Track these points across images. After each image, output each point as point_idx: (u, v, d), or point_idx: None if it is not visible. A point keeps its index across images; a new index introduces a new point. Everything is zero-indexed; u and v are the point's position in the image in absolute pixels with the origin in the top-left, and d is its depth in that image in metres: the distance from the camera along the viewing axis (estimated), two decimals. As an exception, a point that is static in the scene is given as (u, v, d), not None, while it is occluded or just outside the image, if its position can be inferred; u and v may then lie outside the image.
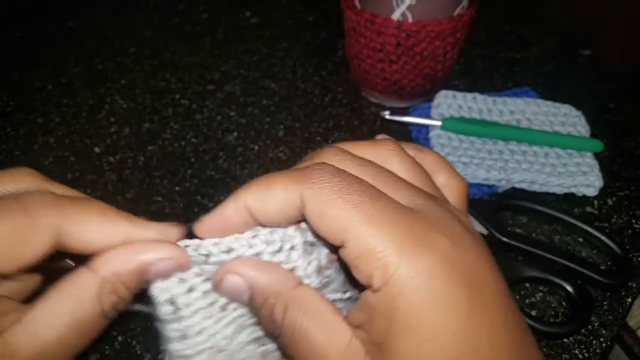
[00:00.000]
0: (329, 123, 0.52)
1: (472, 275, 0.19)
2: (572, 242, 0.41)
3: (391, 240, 0.19)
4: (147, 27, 0.64)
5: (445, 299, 0.18)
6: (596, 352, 0.35)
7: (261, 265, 0.22)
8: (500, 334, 0.19)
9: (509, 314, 0.20)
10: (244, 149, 0.49)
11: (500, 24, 0.64)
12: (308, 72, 0.58)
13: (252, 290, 0.22)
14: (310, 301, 0.21)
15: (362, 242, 0.19)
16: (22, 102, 0.55)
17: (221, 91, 0.55)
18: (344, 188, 0.20)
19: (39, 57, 0.60)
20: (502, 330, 0.19)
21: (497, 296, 0.20)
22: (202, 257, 0.23)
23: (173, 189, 0.46)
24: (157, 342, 0.35)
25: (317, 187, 0.20)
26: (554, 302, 0.38)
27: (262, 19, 0.65)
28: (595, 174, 0.43)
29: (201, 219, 0.23)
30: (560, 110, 0.49)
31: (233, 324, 0.24)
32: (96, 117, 0.53)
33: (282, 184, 0.21)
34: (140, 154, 0.49)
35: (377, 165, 0.23)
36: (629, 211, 0.43)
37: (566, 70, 0.58)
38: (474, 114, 0.48)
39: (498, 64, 0.58)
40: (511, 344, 0.19)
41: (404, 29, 0.44)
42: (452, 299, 0.18)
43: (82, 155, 0.49)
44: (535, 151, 0.45)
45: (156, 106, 0.54)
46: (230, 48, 0.61)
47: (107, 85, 0.56)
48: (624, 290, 0.38)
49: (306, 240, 0.23)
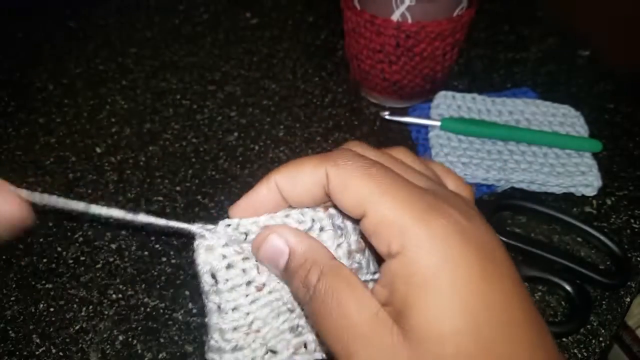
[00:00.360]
0: (329, 123, 0.52)
1: (484, 244, 0.21)
2: (571, 241, 0.41)
3: (406, 207, 0.21)
4: (148, 27, 0.64)
5: (459, 258, 0.20)
6: (595, 351, 0.35)
7: (302, 234, 0.24)
8: (512, 293, 0.20)
9: (518, 281, 0.21)
10: (244, 149, 0.50)
11: (500, 25, 0.64)
12: (308, 73, 0.58)
13: (291, 254, 0.24)
14: (344, 273, 0.23)
15: (380, 210, 0.21)
16: (23, 102, 0.55)
17: (222, 91, 0.56)
18: (364, 166, 0.22)
19: (40, 58, 0.60)
20: (513, 291, 0.20)
21: (507, 264, 0.21)
22: (242, 236, 0.25)
23: (174, 189, 0.46)
24: (158, 341, 0.36)
25: (340, 165, 0.23)
26: (553, 301, 0.38)
27: (263, 20, 0.66)
28: (594, 174, 0.43)
29: (236, 202, 0.25)
30: (559, 111, 0.49)
31: (268, 307, 0.25)
32: (97, 118, 0.53)
33: (310, 165, 0.23)
34: (141, 154, 0.49)
35: (394, 157, 0.25)
36: (627, 211, 0.44)
37: (565, 70, 0.58)
38: (473, 114, 0.48)
39: (497, 64, 0.58)
40: (522, 304, 0.20)
41: (404, 30, 0.45)
42: (466, 259, 0.20)
43: (83, 156, 0.49)
44: (534, 151, 0.45)
45: (157, 106, 0.54)
46: (230, 48, 0.61)
47: (108, 85, 0.56)
48: (623, 290, 0.38)
49: (334, 223, 0.25)
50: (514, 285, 0.21)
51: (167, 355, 0.35)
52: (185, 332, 0.36)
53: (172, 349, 0.35)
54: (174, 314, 0.37)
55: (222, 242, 0.25)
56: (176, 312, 0.37)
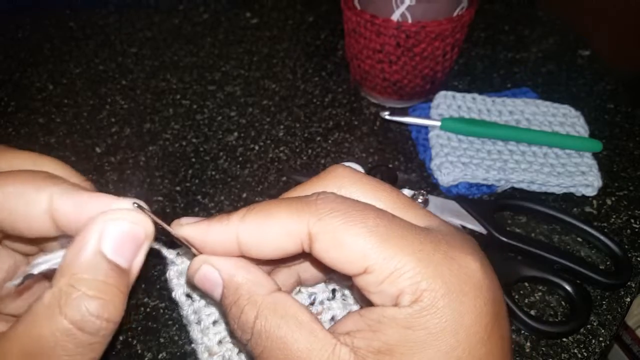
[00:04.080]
0: (329, 123, 0.52)
1: (494, 301, 0.19)
2: (571, 241, 0.41)
3: (420, 258, 0.19)
4: (148, 27, 0.64)
5: (469, 320, 0.18)
6: (595, 351, 0.35)
7: (240, 264, 0.21)
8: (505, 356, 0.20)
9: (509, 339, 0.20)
10: (244, 149, 0.50)
11: (500, 25, 0.64)
12: (308, 73, 0.58)
13: (225, 287, 0.21)
14: (288, 308, 0.20)
15: (389, 265, 0.18)
16: (23, 102, 0.55)
17: (222, 91, 0.56)
18: (356, 214, 0.19)
19: (40, 58, 0.60)
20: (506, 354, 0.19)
21: (506, 320, 0.20)
22: None
23: (174, 189, 0.46)
24: (158, 341, 0.36)
25: (327, 217, 0.19)
26: (553, 301, 0.38)
27: (263, 20, 0.66)
28: (594, 173, 0.43)
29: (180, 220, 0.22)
30: (559, 111, 0.49)
31: None
32: (97, 118, 0.53)
33: (283, 215, 0.20)
34: (141, 154, 0.49)
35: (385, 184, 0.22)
36: (627, 211, 0.44)
37: (565, 70, 0.58)
38: (473, 114, 0.48)
39: (497, 64, 0.58)
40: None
41: (404, 30, 0.45)
42: (476, 321, 0.18)
43: (83, 156, 0.49)
44: (534, 151, 0.45)
45: (157, 106, 0.54)
46: (230, 48, 0.61)
47: (108, 85, 0.57)
48: (623, 290, 0.38)
49: None
50: (508, 348, 0.20)
51: (167, 355, 0.35)
52: (185, 332, 0.36)
53: (172, 349, 0.35)
54: (174, 314, 0.37)
55: None
56: (176, 312, 0.37)
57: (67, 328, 0.18)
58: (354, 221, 0.19)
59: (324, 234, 0.19)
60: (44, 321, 0.18)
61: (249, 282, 0.21)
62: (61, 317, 0.18)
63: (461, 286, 0.19)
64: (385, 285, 0.19)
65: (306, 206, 0.19)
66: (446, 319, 0.18)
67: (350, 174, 0.22)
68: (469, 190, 0.44)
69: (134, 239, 0.20)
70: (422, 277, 0.18)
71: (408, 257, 0.18)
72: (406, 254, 0.19)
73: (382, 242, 0.19)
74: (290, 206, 0.20)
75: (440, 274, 0.18)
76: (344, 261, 0.19)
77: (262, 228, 0.20)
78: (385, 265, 0.19)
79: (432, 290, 0.18)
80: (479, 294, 0.19)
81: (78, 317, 0.18)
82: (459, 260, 0.19)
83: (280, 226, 0.20)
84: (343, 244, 0.19)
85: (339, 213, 0.19)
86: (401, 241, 0.19)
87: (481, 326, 0.18)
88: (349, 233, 0.19)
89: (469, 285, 0.19)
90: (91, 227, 0.19)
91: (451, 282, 0.18)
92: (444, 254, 0.19)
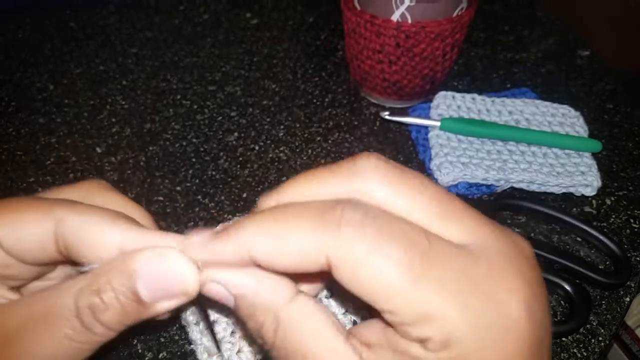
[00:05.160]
0: (329, 123, 0.52)
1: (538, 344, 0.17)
2: (571, 241, 0.41)
3: (453, 300, 0.16)
4: (148, 27, 0.65)
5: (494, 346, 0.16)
6: (595, 351, 0.35)
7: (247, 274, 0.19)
8: None
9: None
10: (244, 149, 0.50)
11: (500, 25, 0.64)
12: (308, 73, 0.58)
13: (237, 301, 0.19)
14: (306, 319, 0.18)
15: (416, 308, 0.16)
16: (24, 102, 0.55)
17: (222, 92, 0.56)
18: (383, 239, 0.16)
19: (41, 58, 0.60)
20: None
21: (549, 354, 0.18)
22: None
23: (174, 189, 0.46)
24: (158, 340, 0.36)
25: (347, 243, 0.17)
26: (552, 301, 0.38)
27: (263, 20, 0.66)
28: (594, 173, 0.43)
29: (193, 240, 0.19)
30: (559, 111, 0.49)
31: None
32: (97, 118, 0.53)
33: (301, 233, 0.17)
34: (142, 154, 0.49)
35: (426, 184, 0.19)
36: (627, 211, 0.44)
37: (565, 70, 0.58)
38: (473, 115, 0.48)
39: (497, 64, 0.59)
40: None
41: (404, 30, 0.45)
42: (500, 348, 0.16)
43: (84, 156, 0.49)
44: (533, 151, 0.45)
45: (157, 106, 0.54)
46: (231, 49, 0.61)
47: (109, 85, 0.57)
48: (623, 290, 0.38)
49: None
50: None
51: (167, 355, 0.35)
52: (185, 331, 0.36)
53: (172, 349, 0.35)
54: (174, 314, 0.37)
55: None
56: (176, 312, 0.38)
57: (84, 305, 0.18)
58: (380, 253, 0.16)
59: (345, 264, 0.17)
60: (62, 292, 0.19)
61: (265, 292, 0.19)
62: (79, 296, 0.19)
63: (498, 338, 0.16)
64: (410, 328, 0.17)
65: (327, 226, 0.17)
66: None
67: (384, 172, 0.19)
68: (469, 190, 0.44)
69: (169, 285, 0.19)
70: (454, 327, 0.16)
71: (440, 304, 0.16)
72: (439, 300, 0.16)
73: (411, 283, 0.16)
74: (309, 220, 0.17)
75: (476, 326, 0.16)
76: (364, 294, 0.17)
77: (276, 246, 0.18)
78: (413, 308, 0.16)
79: (463, 341, 0.16)
80: (518, 347, 0.17)
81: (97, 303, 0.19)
82: (502, 304, 0.17)
83: (296, 244, 0.17)
84: (363, 278, 0.17)
85: (362, 238, 0.16)
86: (435, 283, 0.16)
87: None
88: (372, 266, 0.16)
89: (509, 337, 0.16)
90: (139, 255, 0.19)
91: (487, 335, 0.16)
92: (483, 294, 0.16)
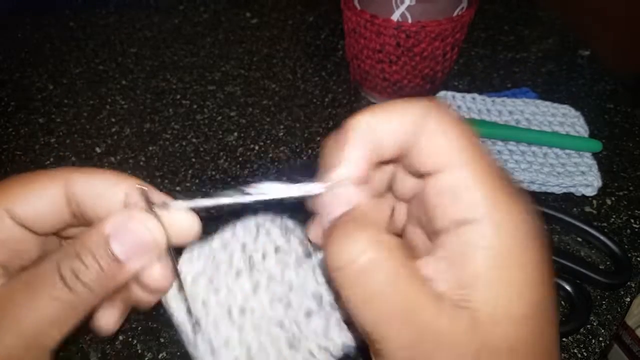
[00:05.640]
0: (329, 123, 0.52)
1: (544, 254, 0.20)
2: (571, 241, 0.41)
3: (503, 190, 0.19)
4: (148, 27, 0.64)
5: (531, 255, 0.19)
6: (595, 351, 0.35)
7: None
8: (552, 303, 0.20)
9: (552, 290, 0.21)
10: (244, 149, 0.50)
11: (500, 25, 0.64)
12: (308, 73, 0.58)
13: None
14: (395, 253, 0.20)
15: (473, 173, 0.19)
16: (23, 102, 0.55)
17: (222, 91, 0.56)
18: (463, 123, 0.21)
19: (40, 58, 0.60)
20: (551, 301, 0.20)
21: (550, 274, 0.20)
22: None
23: (174, 189, 0.46)
24: (158, 341, 0.36)
25: (443, 109, 0.21)
26: (552, 301, 0.38)
27: (263, 20, 0.66)
28: (594, 173, 0.43)
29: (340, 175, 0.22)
30: (559, 111, 0.49)
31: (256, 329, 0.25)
32: (97, 118, 0.53)
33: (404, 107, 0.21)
34: (141, 154, 0.49)
35: None
36: (627, 211, 0.44)
37: (565, 70, 0.58)
38: (473, 114, 0.48)
39: (497, 64, 0.58)
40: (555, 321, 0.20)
41: (404, 30, 0.45)
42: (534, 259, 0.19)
43: (83, 156, 0.49)
44: (534, 151, 0.45)
45: (157, 106, 0.54)
46: (230, 49, 0.61)
47: (108, 85, 0.57)
48: (623, 290, 0.38)
49: None
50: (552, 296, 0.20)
51: (167, 355, 0.35)
52: (185, 332, 0.36)
53: (172, 349, 0.35)
54: (174, 314, 0.37)
55: None
56: (176, 312, 0.37)
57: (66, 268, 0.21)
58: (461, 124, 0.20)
59: (436, 118, 0.20)
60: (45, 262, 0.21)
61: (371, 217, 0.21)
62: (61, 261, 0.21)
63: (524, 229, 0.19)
64: (462, 191, 0.19)
65: (426, 99, 0.21)
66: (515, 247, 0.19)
67: None
68: (469, 190, 0.44)
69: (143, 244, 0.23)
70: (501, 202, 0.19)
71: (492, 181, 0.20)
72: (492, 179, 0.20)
73: (478, 154, 0.20)
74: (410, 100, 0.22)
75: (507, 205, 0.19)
76: (437, 151, 0.20)
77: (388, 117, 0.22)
78: (472, 174, 0.19)
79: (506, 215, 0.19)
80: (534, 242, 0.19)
81: None
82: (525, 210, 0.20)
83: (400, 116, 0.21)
84: (447, 133, 0.20)
85: (453, 114, 0.21)
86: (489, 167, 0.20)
87: (537, 270, 0.19)
88: (455, 128, 0.20)
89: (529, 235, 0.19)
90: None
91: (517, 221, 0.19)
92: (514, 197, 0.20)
